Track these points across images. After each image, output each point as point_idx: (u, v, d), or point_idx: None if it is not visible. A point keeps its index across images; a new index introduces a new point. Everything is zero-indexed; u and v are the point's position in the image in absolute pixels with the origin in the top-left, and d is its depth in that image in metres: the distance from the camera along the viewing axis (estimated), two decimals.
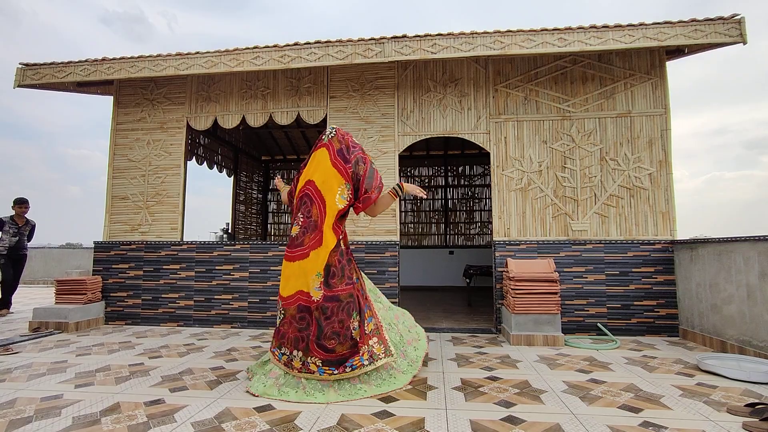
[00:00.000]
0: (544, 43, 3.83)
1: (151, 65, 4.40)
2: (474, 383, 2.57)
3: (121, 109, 4.95)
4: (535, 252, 4.11)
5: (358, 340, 2.42)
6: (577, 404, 2.21)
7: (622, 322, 3.94)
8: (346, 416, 2.07)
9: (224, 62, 4.27)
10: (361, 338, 2.45)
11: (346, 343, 2.40)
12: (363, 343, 2.46)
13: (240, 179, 7.98)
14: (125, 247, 4.72)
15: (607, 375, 2.73)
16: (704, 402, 2.23)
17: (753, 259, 3.02)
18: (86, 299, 4.41)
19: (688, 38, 3.69)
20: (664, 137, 4.09)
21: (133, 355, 3.28)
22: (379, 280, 4.28)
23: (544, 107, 4.29)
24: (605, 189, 4.11)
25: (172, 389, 2.48)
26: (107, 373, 2.81)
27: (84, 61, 4.51)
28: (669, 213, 4.02)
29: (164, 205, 4.74)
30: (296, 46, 4.18)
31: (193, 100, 4.84)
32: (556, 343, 3.55)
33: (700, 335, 3.58)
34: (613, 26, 3.77)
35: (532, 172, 4.22)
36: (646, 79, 4.17)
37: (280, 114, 4.67)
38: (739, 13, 3.66)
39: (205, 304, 4.53)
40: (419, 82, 4.50)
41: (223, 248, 4.60)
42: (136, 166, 4.83)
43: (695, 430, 1.88)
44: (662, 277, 3.95)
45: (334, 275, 2.47)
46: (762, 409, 2.01)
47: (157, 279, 4.63)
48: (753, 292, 3.02)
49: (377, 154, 4.45)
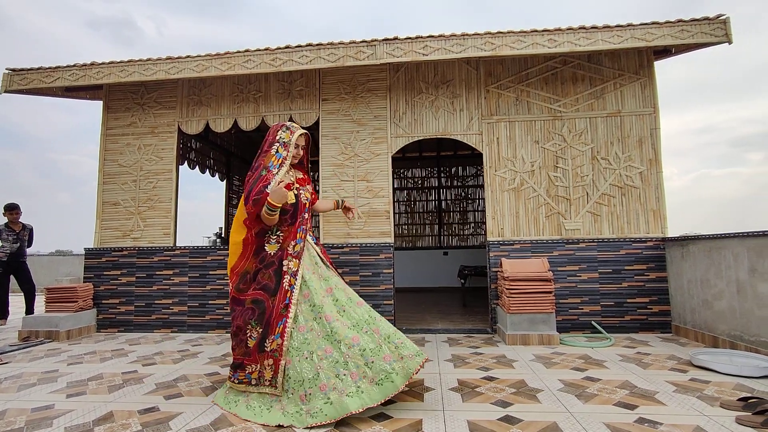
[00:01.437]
0: (535, 44, 3.86)
1: (141, 69, 4.37)
2: (471, 384, 2.57)
3: (111, 114, 4.90)
4: (529, 251, 4.13)
5: (251, 350, 2.23)
6: (573, 402, 2.22)
7: (616, 320, 3.98)
8: (344, 419, 2.06)
9: (215, 66, 4.25)
10: (253, 353, 2.23)
11: (241, 349, 2.28)
12: (252, 361, 2.23)
13: (233, 183, 7.94)
14: (117, 253, 4.67)
15: (602, 373, 2.75)
16: (698, 397, 2.25)
17: (742, 254, 3.07)
18: (77, 307, 4.35)
19: (675, 38, 3.75)
20: (654, 136, 4.14)
21: (126, 363, 3.24)
22: (373, 282, 4.27)
23: (536, 108, 4.32)
24: (597, 188, 4.15)
25: (166, 396, 2.45)
26: (100, 381, 2.77)
27: (72, 66, 4.46)
28: (660, 211, 4.07)
29: (156, 210, 4.69)
30: (287, 49, 4.17)
31: (184, 104, 4.80)
32: (551, 342, 3.57)
33: (692, 331, 3.62)
34: (601, 27, 3.82)
35: (525, 172, 4.25)
36: (634, 79, 4.22)
37: (272, 117, 4.65)
38: (725, 14, 3.72)
39: (200, 309, 4.49)
40: (411, 84, 4.51)
41: (217, 252, 4.57)
42: (127, 171, 4.78)
43: (690, 425, 1.90)
44: (654, 275, 3.99)
45: (245, 279, 2.33)
46: (754, 403, 2.04)
47: (150, 285, 4.59)
48: (743, 288, 3.07)
49: (370, 156, 4.45)
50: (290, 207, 2.36)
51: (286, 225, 2.37)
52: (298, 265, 2.33)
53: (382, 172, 4.43)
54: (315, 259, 2.49)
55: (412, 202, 8.94)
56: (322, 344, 2.17)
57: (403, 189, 8.98)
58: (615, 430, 1.87)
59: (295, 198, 2.39)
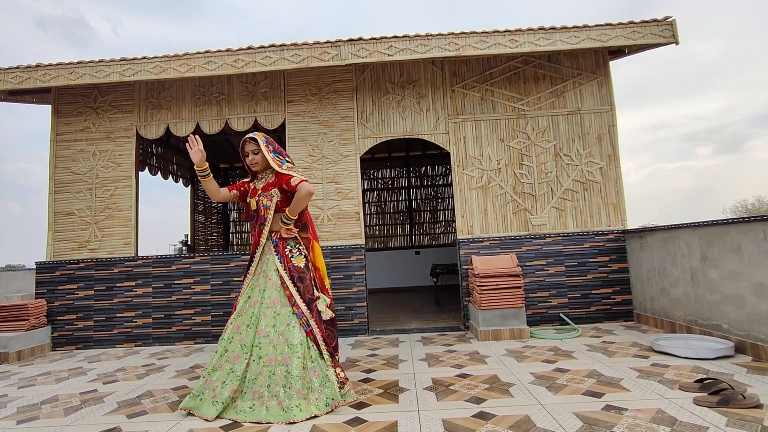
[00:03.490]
0: (497, 44, 3.94)
1: (92, 71, 4.14)
2: (445, 382, 2.59)
3: (62, 119, 4.62)
4: (498, 248, 4.21)
5: None
6: (544, 394, 2.28)
7: (582, 311, 4.12)
8: (317, 427, 2.02)
9: (174, 67, 4.09)
10: None
11: None
12: None
13: (198, 188, 7.68)
14: (72, 266, 4.40)
15: (571, 363, 2.83)
16: (659, 381, 2.36)
17: (694, 244, 3.24)
18: (29, 325, 4.07)
19: (627, 39, 3.93)
20: (611, 132, 4.32)
21: (84, 382, 3.06)
22: (345, 284, 4.23)
23: (500, 106, 4.41)
24: (561, 184, 4.28)
25: (129, 415, 2.33)
26: (55, 404, 2.60)
27: (15, 68, 4.18)
28: (619, 204, 4.25)
29: (115, 219, 4.46)
30: (250, 50, 4.07)
31: (143, 108, 4.60)
32: (522, 335, 3.65)
33: (652, 318, 3.80)
34: (560, 28, 3.95)
35: (492, 170, 4.33)
36: (592, 78, 4.39)
37: (236, 120, 4.53)
38: (671, 16, 3.93)
39: (165, 320, 4.31)
40: (378, 85, 4.51)
41: (182, 261, 4.40)
42: (81, 179, 4.52)
43: (652, 408, 1.99)
44: (616, 266, 4.16)
45: None
46: (709, 384, 2.15)
47: (111, 298, 4.36)
48: (696, 275, 3.24)
49: (338, 157, 4.41)
50: (253, 212, 2.56)
51: (254, 229, 2.55)
52: (253, 269, 2.51)
53: (351, 173, 4.40)
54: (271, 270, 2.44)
55: (382, 202, 8.94)
56: (236, 349, 2.33)
57: (373, 190, 8.97)
58: (584, 418, 1.93)
59: (255, 205, 2.53)
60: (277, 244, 2.46)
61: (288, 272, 2.41)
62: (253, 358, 2.26)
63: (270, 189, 2.48)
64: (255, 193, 2.52)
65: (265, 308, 2.35)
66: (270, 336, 2.29)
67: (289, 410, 2.11)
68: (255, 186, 2.56)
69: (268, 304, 2.36)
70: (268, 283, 2.41)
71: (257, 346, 2.28)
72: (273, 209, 2.45)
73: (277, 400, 2.15)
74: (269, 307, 2.35)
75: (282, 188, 2.45)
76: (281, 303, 2.35)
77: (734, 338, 2.87)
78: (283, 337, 2.27)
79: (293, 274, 2.41)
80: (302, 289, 2.39)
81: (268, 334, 2.29)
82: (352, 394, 2.39)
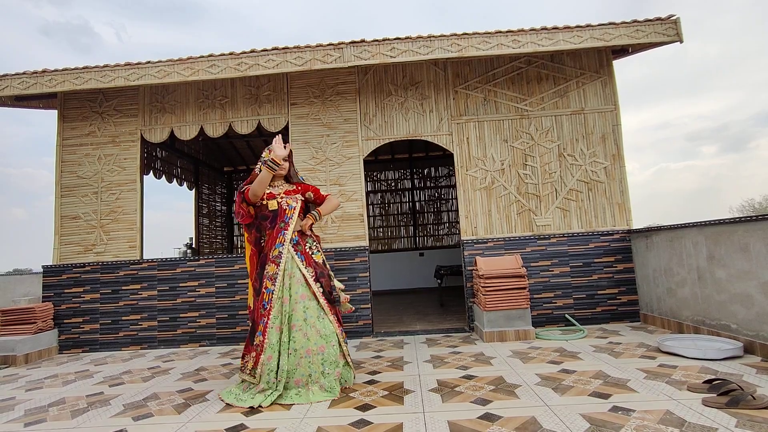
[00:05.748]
0: (500, 45, 3.94)
1: (98, 76, 4.18)
2: (450, 383, 2.58)
3: (67, 124, 4.66)
4: (503, 249, 4.20)
5: (246, 342, 2.64)
6: (551, 396, 2.26)
7: (588, 312, 4.09)
8: (322, 428, 2.02)
9: (178, 71, 4.12)
10: (247, 345, 2.63)
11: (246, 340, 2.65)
12: (247, 351, 2.61)
13: (202, 192, 7.71)
14: (79, 269, 4.43)
15: (577, 364, 2.81)
16: (666, 382, 2.33)
17: (701, 243, 3.22)
18: (36, 328, 4.10)
19: (630, 38, 3.91)
20: (616, 132, 4.30)
21: (91, 385, 3.07)
22: (350, 286, 4.23)
23: (503, 107, 4.40)
24: (565, 184, 4.26)
25: (135, 417, 2.33)
26: (62, 407, 2.61)
27: (22, 74, 4.22)
28: (624, 204, 4.22)
29: (120, 222, 4.49)
30: (253, 54, 4.09)
31: (147, 112, 4.63)
32: (527, 337, 3.63)
33: (659, 318, 3.77)
34: (562, 27, 3.94)
35: (495, 171, 4.32)
36: (596, 78, 4.37)
37: (239, 123, 4.55)
38: (675, 14, 3.91)
39: (171, 323, 4.32)
40: (380, 86, 4.51)
41: (187, 264, 4.41)
42: (87, 183, 4.56)
43: (660, 410, 1.97)
44: (622, 266, 4.13)
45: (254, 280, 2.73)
46: (718, 385, 2.13)
47: (116, 301, 4.38)
48: (703, 275, 3.21)
49: (341, 159, 4.41)
50: (269, 213, 2.66)
51: (267, 230, 2.68)
52: (275, 269, 2.57)
53: (354, 175, 4.40)
54: (294, 268, 2.61)
55: (386, 204, 8.94)
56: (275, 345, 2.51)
57: (376, 192, 8.98)
58: (591, 420, 1.91)
59: (277, 205, 2.66)
60: (298, 242, 2.67)
61: (312, 269, 2.63)
62: (289, 351, 2.47)
63: (293, 194, 2.76)
64: (272, 196, 2.71)
65: (294, 303, 2.54)
66: (303, 329, 2.49)
67: (333, 390, 2.44)
68: (270, 191, 2.74)
69: (296, 299, 2.55)
70: (293, 280, 2.58)
71: (293, 340, 2.48)
72: (297, 210, 2.70)
73: (318, 385, 2.44)
74: (297, 302, 2.54)
75: (306, 196, 2.81)
76: (308, 297, 2.57)
77: (743, 338, 2.83)
78: (315, 329, 2.50)
79: (316, 270, 2.64)
80: (324, 283, 2.63)
81: (300, 327, 2.50)
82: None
